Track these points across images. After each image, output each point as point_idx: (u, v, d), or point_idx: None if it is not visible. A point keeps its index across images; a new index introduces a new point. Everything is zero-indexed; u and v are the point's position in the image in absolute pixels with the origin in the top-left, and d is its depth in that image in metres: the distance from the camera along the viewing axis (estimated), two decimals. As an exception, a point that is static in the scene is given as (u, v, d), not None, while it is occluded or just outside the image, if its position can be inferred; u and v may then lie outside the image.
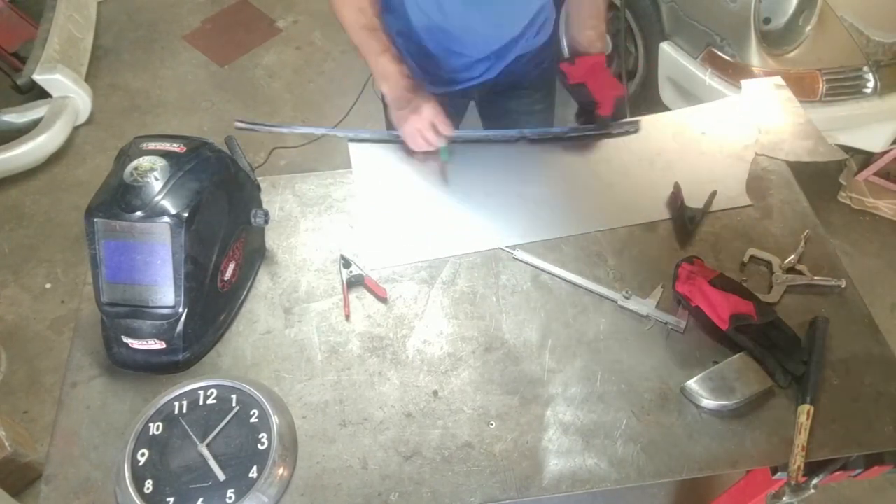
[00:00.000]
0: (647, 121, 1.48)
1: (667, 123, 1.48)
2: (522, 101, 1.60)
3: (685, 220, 1.26)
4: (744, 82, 1.58)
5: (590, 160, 1.41)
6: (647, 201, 1.32)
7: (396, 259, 1.23)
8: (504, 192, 1.34)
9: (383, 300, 1.17)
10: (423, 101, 1.28)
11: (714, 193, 1.31)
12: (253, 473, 0.93)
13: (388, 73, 1.27)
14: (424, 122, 1.29)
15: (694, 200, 1.30)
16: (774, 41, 2.12)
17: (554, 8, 1.49)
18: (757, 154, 1.40)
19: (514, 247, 1.25)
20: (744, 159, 1.40)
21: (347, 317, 1.15)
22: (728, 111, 1.50)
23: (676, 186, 1.30)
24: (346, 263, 1.20)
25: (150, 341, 1.03)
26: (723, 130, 1.46)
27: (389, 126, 1.40)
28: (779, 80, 1.57)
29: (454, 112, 1.60)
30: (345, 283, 1.18)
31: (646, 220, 1.29)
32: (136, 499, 0.90)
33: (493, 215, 1.31)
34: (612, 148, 1.42)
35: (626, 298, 1.16)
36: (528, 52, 1.48)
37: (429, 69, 1.43)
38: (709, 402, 1.05)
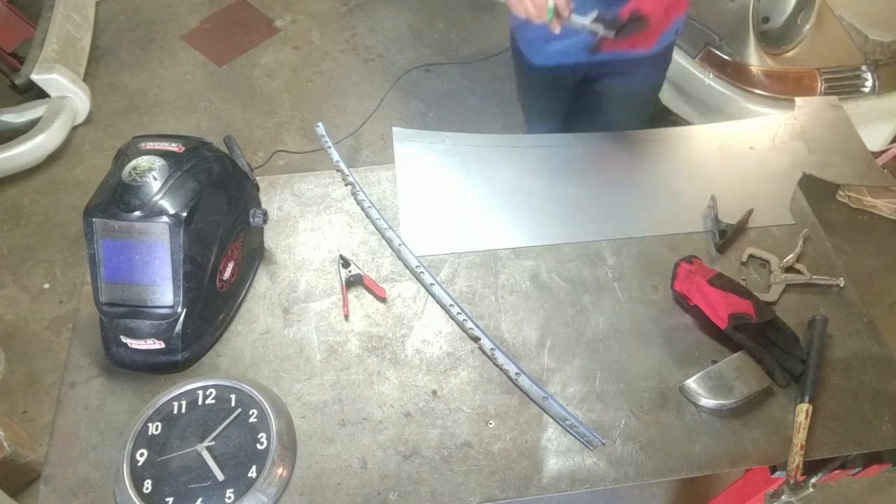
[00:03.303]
0: (695, 130, 1.49)
1: (714, 135, 1.47)
2: (626, 80, 1.53)
3: (716, 233, 1.25)
4: (798, 100, 1.56)
5: (634, 166, 1.41)
6: (687, 212, 1.31)
7: (439, 248, 1.24)
8: (544, 191, 1.34)
9: (382, 300, 1.17)
10: None
11: (750, 211, 1.29)
12: (252, 473, 0.93)
13: None
14: None
15: (734, 215, 1.28)
16: (773, 40, 2.13)
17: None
18: (804, 173, 1.38)
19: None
20: (790, 177, 1.38)
21: (346, 316, 1.15)
22: (779, 128, 1.48)
23: (712, 199, 1.29)
24: (345, 263, 1.19)
25: (149, 341, 1.03)
26: (771, 147, 1.44)
27: None
28: (835, 100, 1.55)
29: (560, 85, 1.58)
30: (343, 282, 1.18)
31: (682, 230, 1.28)
32: (135, 499, 0.90)
33: (532, 213, 1.31)
34: (658, 155, 1.42)
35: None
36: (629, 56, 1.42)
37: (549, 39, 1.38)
38: (707, 401, 1.05)
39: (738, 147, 1.44)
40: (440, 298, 1.17)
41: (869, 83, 2.11)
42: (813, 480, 1.03)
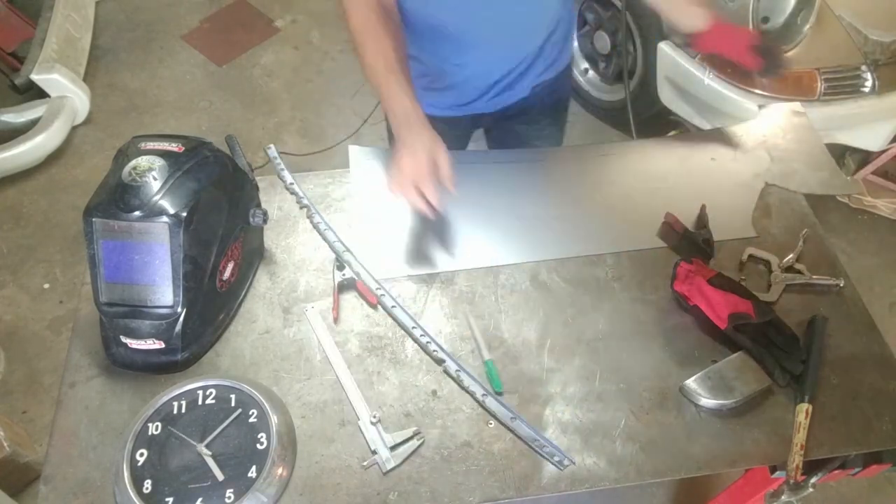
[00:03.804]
0: (655, 143, 1.45)
1: (675, 146, 1.44)
2: (532, 126, 1.55)
3: (699, 244, 1.22)
4: (762, 108, 1.54)
5: (592, 182, 1.37)
6: (646, 228, 1.28)
7: (390, 270, 1.21)
8: (502, 211, 1.31)
9: (374, 306, 1.16)
10: (432, 139, 1.09)
11: (703, 206, 1.27)
12: (252, 473, 0.93)
13: (398, 94, 1.11)
14: (423, 166, 1.06)
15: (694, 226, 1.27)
16: (773, 40, 2.12)
17: (572, 28, 1.40)
18: (767, 184, 1.36)
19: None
20: (752, 188, 1.35)
21: (335, 319, 1.14)
22: (741, 137, 1.45)
23: (669, 216, 1.25)
24: (340, 266, 1.19)
25: (149, 341, 1.03)
26: (733, 157, 1.41)
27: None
28: (797, 106, 1.52)
29: (457, 136, 1.54)
30: (336, 285, 1.17)
31: (641, 246, 1.25)
32: (134, 499, 0.90)
33: (489, 234, 1.28)
34: (616, 170, 1.40)
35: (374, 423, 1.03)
36: (543, 80, 1.42)
37: (435, 87, 1.36)
38: (707, 401, 1.05)
39: (698, 159, 1.41)
40: (402, 322, 1.14)
41: (869, 83, 2.11)
42: (813, 480, 1.03)
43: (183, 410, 0.99)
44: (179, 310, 1.02)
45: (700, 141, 1.46)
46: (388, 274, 1.20)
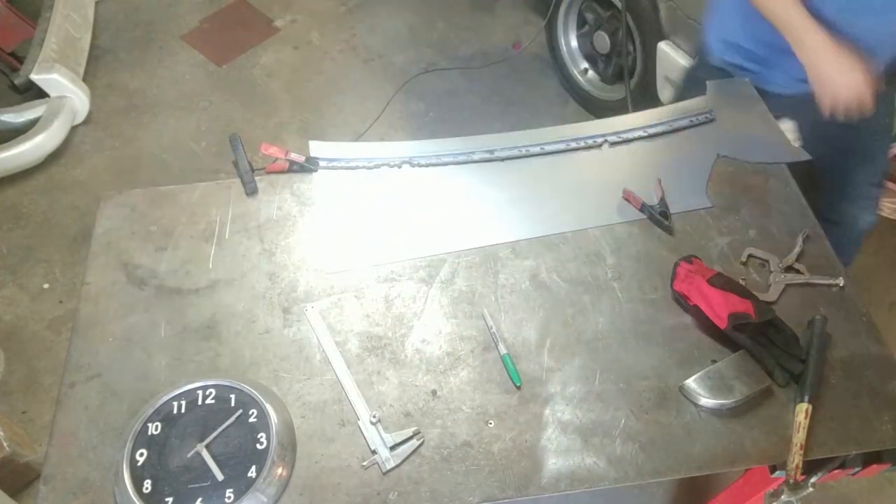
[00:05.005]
0: (607, 123, 1.47)
1: (626, 125, 1.47)
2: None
3: (657, 218, 1.27)
4: (709, 83, 1.57)
5: (548, 164, 1.39)
6: (606, 204, 1.31)
7: (353, 262, 1.22)
8: (457, 198, 1.33)
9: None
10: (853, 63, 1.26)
11: (659, 181, 1.31)
12: (252, 473, 0.93)
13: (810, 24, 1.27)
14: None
15: (651, 201, 1.30)
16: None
17: None
18: (719, 156, 1.40)
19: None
20: (705, 161, 1.39)
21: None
22: (692, 112, 1.48)
23: (626, 192, 1.30)
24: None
25: None
26: (685, 131, 1.45)
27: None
28: (745, 81, 1.55)
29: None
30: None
31: (601, 223, 1.28)
32: (134, 499, 0.90)
33: (449, 221, 1.30)
34: (571, 149, 1.41)
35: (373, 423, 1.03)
36: None
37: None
38: (707, 401, 1.05)
39: (652, 132, 1.44)
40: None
41: (869, 83, 2.10)
42: (812, 480, 1.03)
43: (183, 410, 0.99)
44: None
45: (652, 117, 1.48)
46: (349, 266, 1.21)
